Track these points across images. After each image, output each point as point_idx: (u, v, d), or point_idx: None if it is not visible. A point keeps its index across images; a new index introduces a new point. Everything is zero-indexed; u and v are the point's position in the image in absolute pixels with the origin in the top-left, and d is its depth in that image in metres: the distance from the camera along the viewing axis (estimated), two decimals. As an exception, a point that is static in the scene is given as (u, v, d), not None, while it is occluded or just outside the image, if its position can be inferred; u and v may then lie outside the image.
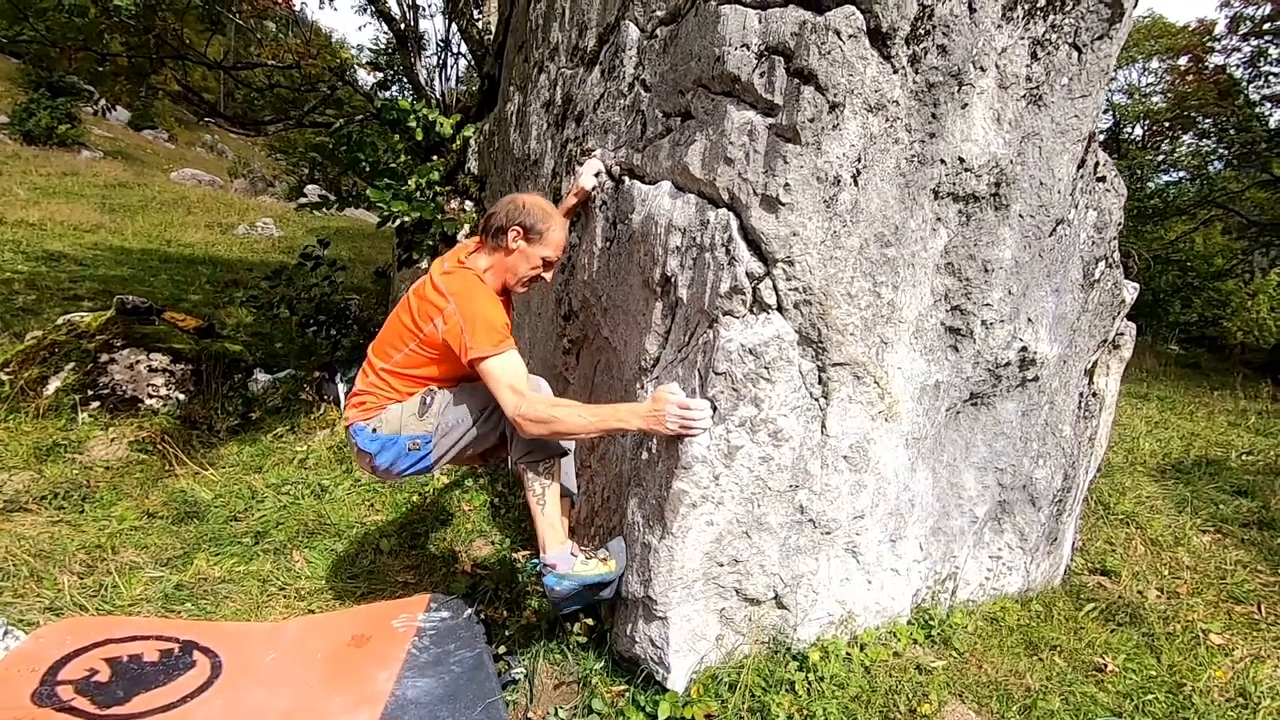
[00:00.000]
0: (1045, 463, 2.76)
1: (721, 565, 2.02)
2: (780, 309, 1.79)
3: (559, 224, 2.25)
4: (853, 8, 1.60)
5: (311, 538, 3.26)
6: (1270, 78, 13.64)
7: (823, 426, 1.97)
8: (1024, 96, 1.91)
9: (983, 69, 1.78)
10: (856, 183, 1.73)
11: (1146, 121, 17.01)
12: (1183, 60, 15.46)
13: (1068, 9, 1.86)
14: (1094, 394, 2.92)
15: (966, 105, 1.80)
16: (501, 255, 2.18)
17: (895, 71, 1.67)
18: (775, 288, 1.76)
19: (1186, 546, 3.54)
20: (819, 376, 1.91)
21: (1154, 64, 18.02)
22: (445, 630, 2.48)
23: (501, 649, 2.36)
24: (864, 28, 1.61)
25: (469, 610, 2.58)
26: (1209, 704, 2.25)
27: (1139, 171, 16.78)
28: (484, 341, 1.96)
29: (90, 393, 4.25)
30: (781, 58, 1.70)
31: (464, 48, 5.22)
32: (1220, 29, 14.28)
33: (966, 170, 1.89)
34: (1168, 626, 2.72)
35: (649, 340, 2.10)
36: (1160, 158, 16.88)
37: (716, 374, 1.79)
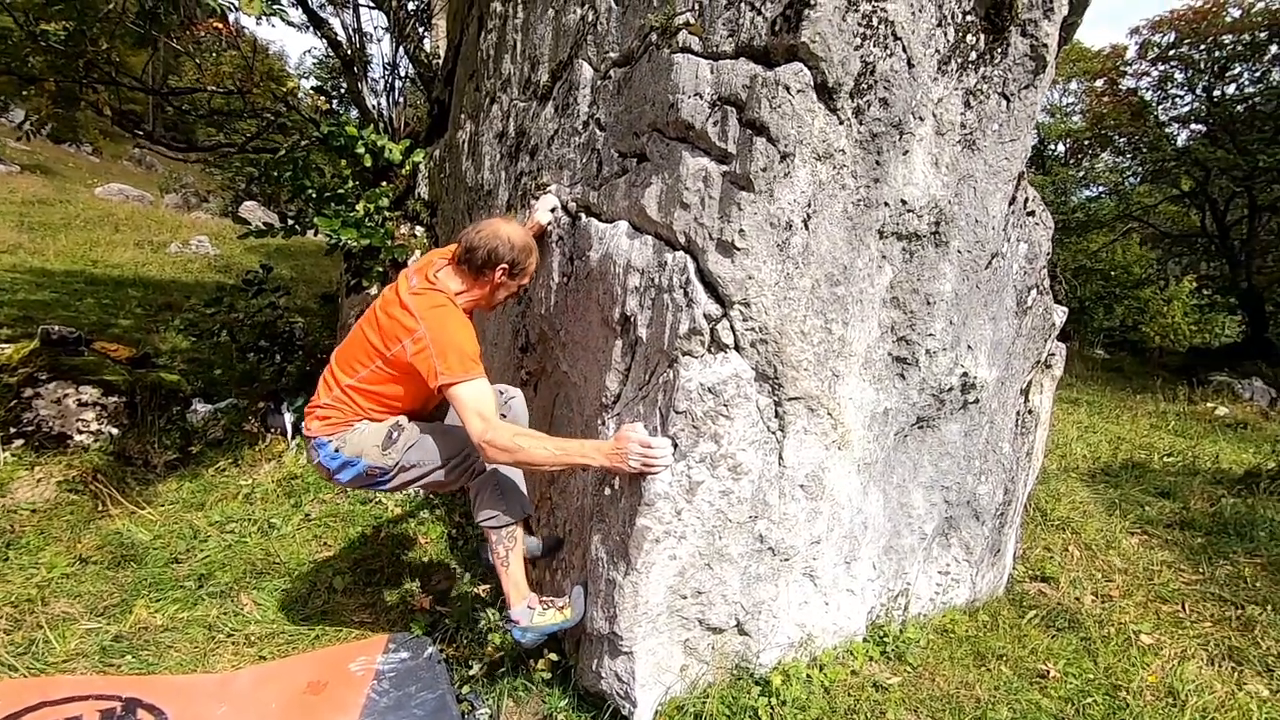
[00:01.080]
0: (987, 479, 2.89)
1: (685, 597, 2.05)
2: (738, 348, 1.85)
3: (536, 253, 2.30)
4: (800, 64, 1.67)
5: (260, 578, 3.14)
6: (1176, 100, 14.67)
7: (780, 458, 2.03)
8: (959, 142, 2.02)
9: (921, 118, 1.89)
10: (807, 227, 1.80)
11: (1068, 139, 18.03)
12: (1099, 82, 16.47)
13: (997, 62, 1.99)
14: (1030, 411, 3.08)
15: (907, 152, 1.90)
16: (481, 287, 2.20)
17: (841, 123, 1.75)
18: (733, 328, 1.82)
19: (1117, 549, 3.76)
20: (775, 411, 1.97)
21: (1073, 85, 19.16)
22: (405, 672, 2.43)
23: (464, 689, 2.33)
24: (811, 83, 1.69)
25: (430, 649, 2.54)
26: (1142, 705, 2.39)
27: (1063, 186, 17.77)
28: (455, 368, 1.96)
29: (13, 430, 4.01)
30: (734, 108, 1.76)
31: (411, 70, 5.19)
32: (1131, 54, 15.29)
33: (909, 211, 1.99)
34: (1103, 630, 2.88)
35: (610, 377, 2.12)
36: (1082, 174, 17.92)
37: (677, 413, 1.83)
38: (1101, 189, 17.56)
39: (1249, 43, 12.78)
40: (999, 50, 1.98)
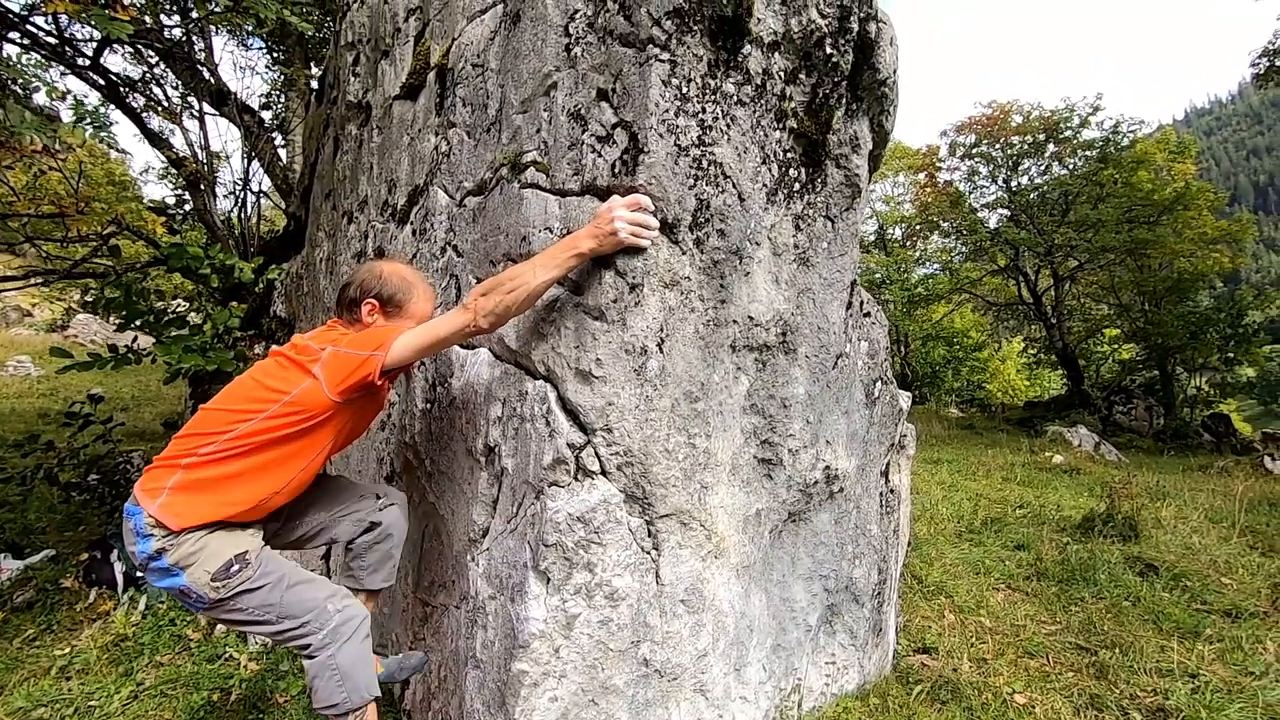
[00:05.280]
0: (861, 562, 3.01)
1: (571, 740, 1.93)
2: (604, 473, 1.84)
3: (423, 294, 2.06)
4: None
5: (74, 777, 2.64)
6: (984, 190, 17.07)
7: (657, 577, 2.01)
8: (795, 260, 2.21)
9: (757, 243, 2.05)
10: (662, 350, 1.87)
11: (903, 225, 20.38)
12: (921, 176, 18.92)
13: (818, 190, 2.22)
14: (891, 491, 3.27)
15: (749, 273, 2.05)
16: (358, 332, 1.99)
17: (684, 253, 1.87)
18: (597, 454, 1.82)
19: (986, 608, 3.99)
20: (648, 530, 1.96)
21: (901, 178, 21.83)
22: None
23: None
24: (652, 219, 1.80)
25: (287, 839, 2.21)
26: (1022, 773, 2.49)
27: (903, 265, 19.90)
28: (377, 340, 1.81)
29: None
30: (582, 242, 1.83)
31: (267, 183, 5.02)
32: (944, 152, 17.76)
33: (756, 326, 2.13)
34: (981, 696, 3.00)
35: (476, 510, 2.04)
36: (917, 254, 20.19)
37: (547, 546, 1.78)
38: (935, 266, 19.84)
39: (1032, 143, 15.24)
40: (819, 181, 2.22)
